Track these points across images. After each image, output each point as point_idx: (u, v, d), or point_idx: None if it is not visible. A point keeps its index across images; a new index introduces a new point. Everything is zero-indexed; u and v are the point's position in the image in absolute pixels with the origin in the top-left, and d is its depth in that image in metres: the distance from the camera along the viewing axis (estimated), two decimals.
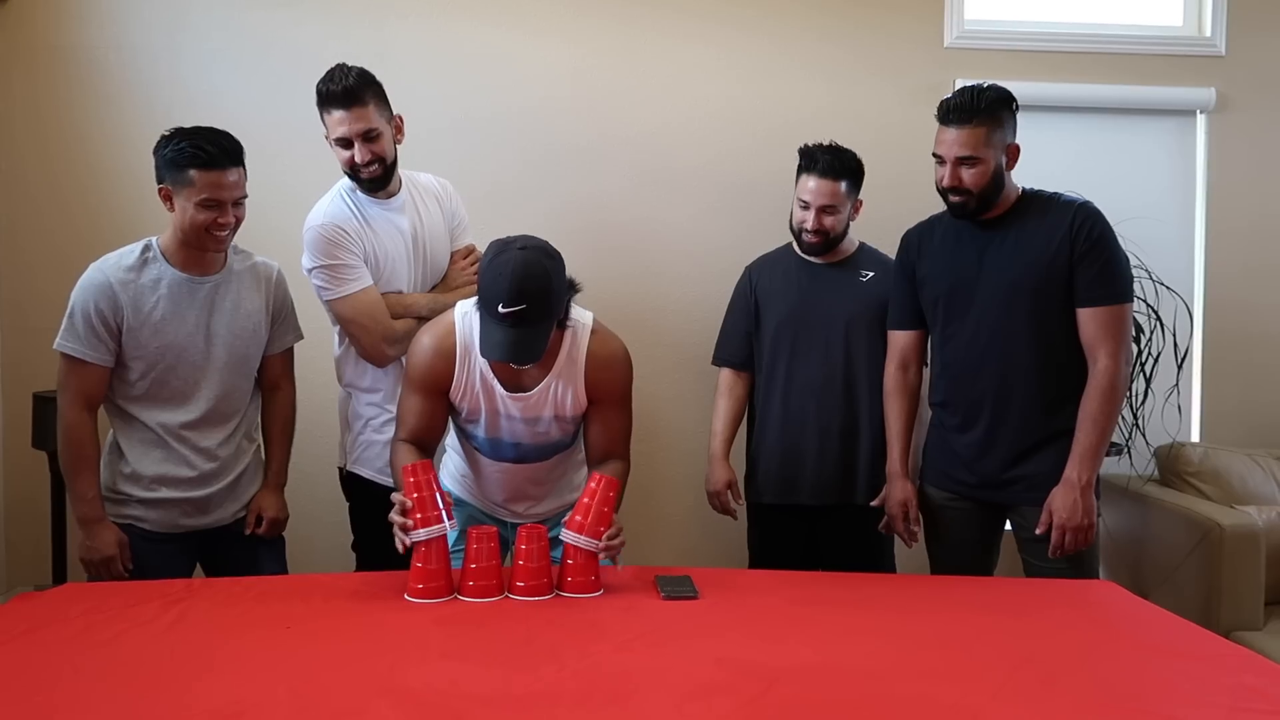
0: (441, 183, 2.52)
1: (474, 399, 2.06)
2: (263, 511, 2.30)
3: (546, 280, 1.87)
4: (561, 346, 2.03)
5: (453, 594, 1.88)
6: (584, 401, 2.08)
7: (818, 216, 2.49)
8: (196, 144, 2.06)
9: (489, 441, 2.13)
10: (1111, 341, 2.17)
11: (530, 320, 1.86)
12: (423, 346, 2.05)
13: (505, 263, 1.86)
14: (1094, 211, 2.21)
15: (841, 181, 2.48)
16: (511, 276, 1.84)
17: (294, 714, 1.37)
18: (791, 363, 2.55)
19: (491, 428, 2.10)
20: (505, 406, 2.05)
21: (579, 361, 2.04)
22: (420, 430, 2.07)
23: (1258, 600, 2.70)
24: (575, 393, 2.06)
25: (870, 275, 2.55)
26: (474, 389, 2.05)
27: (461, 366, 2.03)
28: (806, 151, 2.53)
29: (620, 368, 2.09)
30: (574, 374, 2.05)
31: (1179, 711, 1.41)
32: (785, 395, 2.55)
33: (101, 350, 2.11)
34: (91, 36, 3.10)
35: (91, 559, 2.13)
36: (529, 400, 2.05)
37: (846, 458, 2.53)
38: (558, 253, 1.94)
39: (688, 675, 1.50)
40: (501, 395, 2.05)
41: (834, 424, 2.53)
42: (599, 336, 2.07)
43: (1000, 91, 2.20)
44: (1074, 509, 2.14)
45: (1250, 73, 3.36)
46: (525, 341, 1.88)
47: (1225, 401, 3.38)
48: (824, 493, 2.54)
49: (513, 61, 3.19)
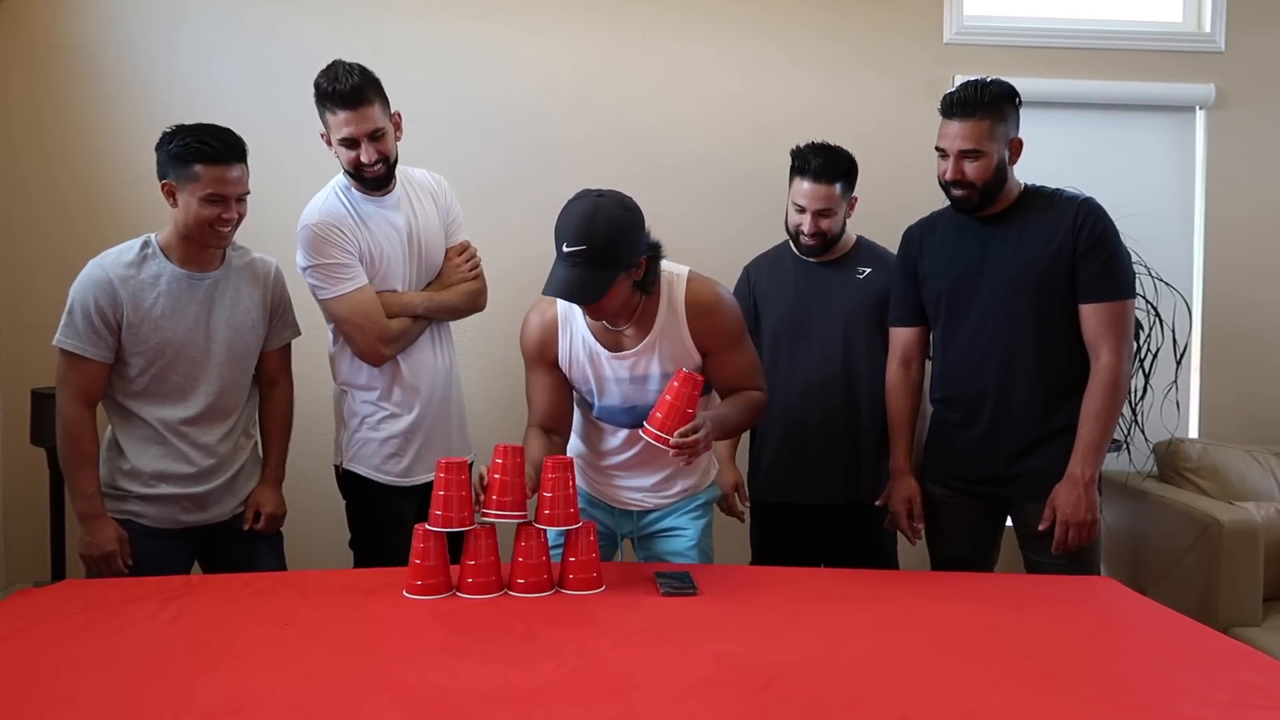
0: (436, 178, 2.51)
1: (579, 366, 2.09)
2: (261, 507, 2.30)
3: (613, 227, 1.89)
4: (659, 303, 2.05)
5: (451, 590, 1.88)
6: (695, 355, 2.08)
7: (814, 220, 2.46)
8: (202, 139, 2.07)
9: (604, 409, 2.14)
10: (1114, 337, 2.16)
11: (592, 263, 1.88)
12: (529, 322, 2.13)
13: (579, 205, 1.91)
14: (1096, 207, 2.21)
15: (836, 184, 2.45)
16: (580, 218, 1.88)
17: (293, 710, 1.37)
18: (791, 362, 2.54)
19: (601, 393, 2.11)
20: (611, 369, 2.08)
21: (679, 314, 2.05)
22: (546, 409, 2.12)
23: (1256, 596, 2.70)
24: (683, 346, 2.06)
25: (868, 272, 2.53)
26: (578, 355, 2.09)
27: (564, 333, 2.09)
28: (798, 154, 2.49)
29: (724, 309, 2.08)
30: (677, 328, 2.06)
31: (1177, 707, 1.41)
32: (786, 394, 2.53)
33: (101, 346, 2.11)
34: (90, 33, 3.09)
35: (91, 555, 2.13)
36: (632, 360, 2.07)
37: (849, 456, 2.52)
38: (637, 208, 1.95)
39: (687, 671, 1.50)
40: (605, 358, 2.07)
41: (836, 423, 2.51)
42: (695, 284, 2.07)
43: (1003, 86, 2.20)
44: (1077, 505, 2.14)
45: (1249, 69, 3.36)
46: (583, 283, 1.89)
47: (1224, 397, 3.39)
48: (828, 492, 2.52)
49: (510, 57, 3.19)
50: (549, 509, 1.91)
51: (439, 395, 2.42)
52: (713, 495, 2.32)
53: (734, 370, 2.12)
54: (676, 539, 2.22)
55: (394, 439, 2.37)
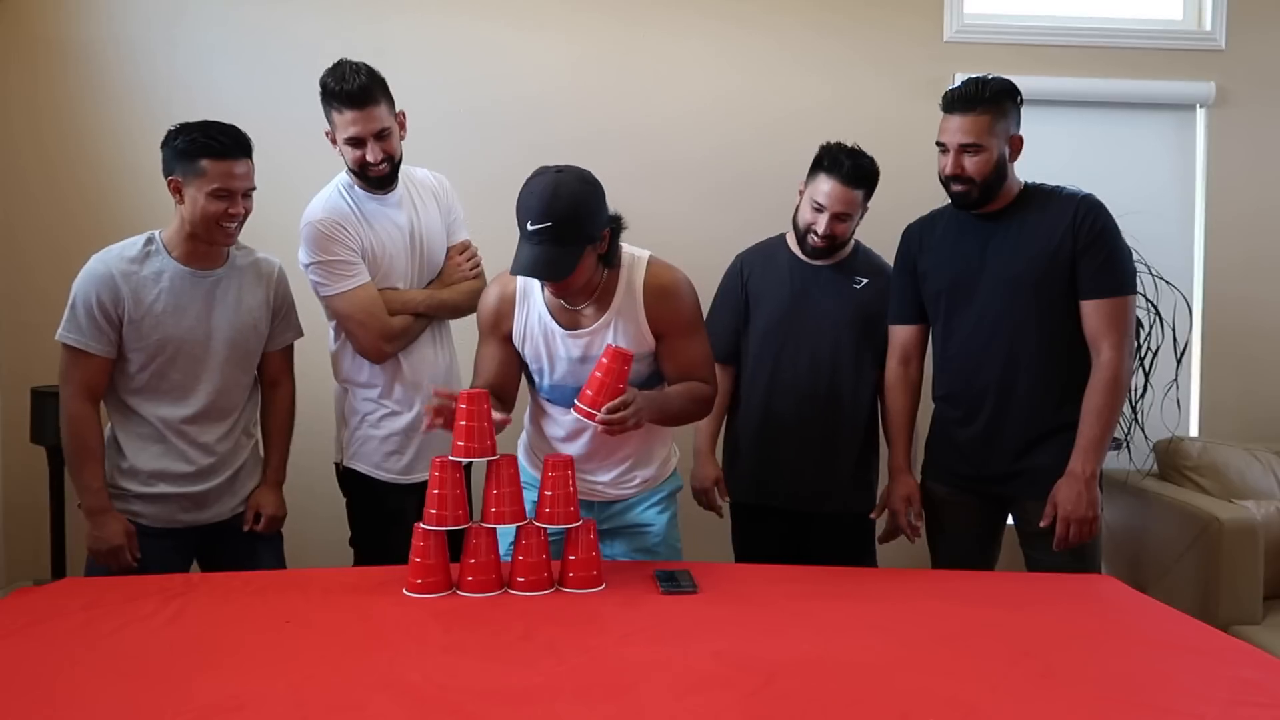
0: (438, 178, 2.51)
1: (533, 342, 2.09)
2: (261, 509, 2.29)
3: (577, 202, 1.90)
4: (618, 284, 2.06)
5: (451, 589, 1.88)
6: (649, 339, 2.08)
7: (831, 222, 2.38)
8: (209, 135, 2.08)
9: (554, 388, 2.13)
10: (1115, 334, 2.16)
11: (558, 239, 1.89)
12: (488, 293, 2.15)
13: (539, 182, 1.92)
14: (1097, 204, 2.21)
15: (860, 190, 2.39)
16: (542, 195, 1.89)
17: (293, 708, 1.37)
18: (777, 365, 2.49)
19: (554, 372, 2.11)
20: (565, 348, 2.07)
21: (637, 296, 2.06)
22: (492, 381, 2.12)
23: (1256, 594, 2.70)
24: (639, 329, 2.07)
25: (864, 282, 2.48)
26: (533, 331, 2.09)
27: (521, 308, 2.10)
28: (829, 152, 2.39)
29: (681, 295, 2.09)
30: (633, 310, 2.06)
31: (1177, 705, 1.41)
32: (768, 396, 2.49)
33: (103, 341, 2.11)
34: (89, 31, 3.09)
35: (99, 549, 2.13)
36: (587, 339, 2.06)
37: (823, 468, 2.48)
38: (597, 181, 1.97)
39: (687, 669, 1.51)
40: (560, 335, 2.07)
41: (814, 432, 2.47)
42: (654, 268, 2.09)
43: (1005, 82, 2.20)
44: (1079, 501, 2.14)
45: (1250, 67, 3.35)
46: (551, 259, 1.90)
47: (1224, 396, 3.39)
48: (799, 500, 2.49)
49: (510, 55, 3.19)
50: (549, 507, 1.91)
51: None
52: (675, 486, 2.29)
53: (686, 358, 2.11)
54: (643, 535, 2.21)
55: (395, 436, 2.37)
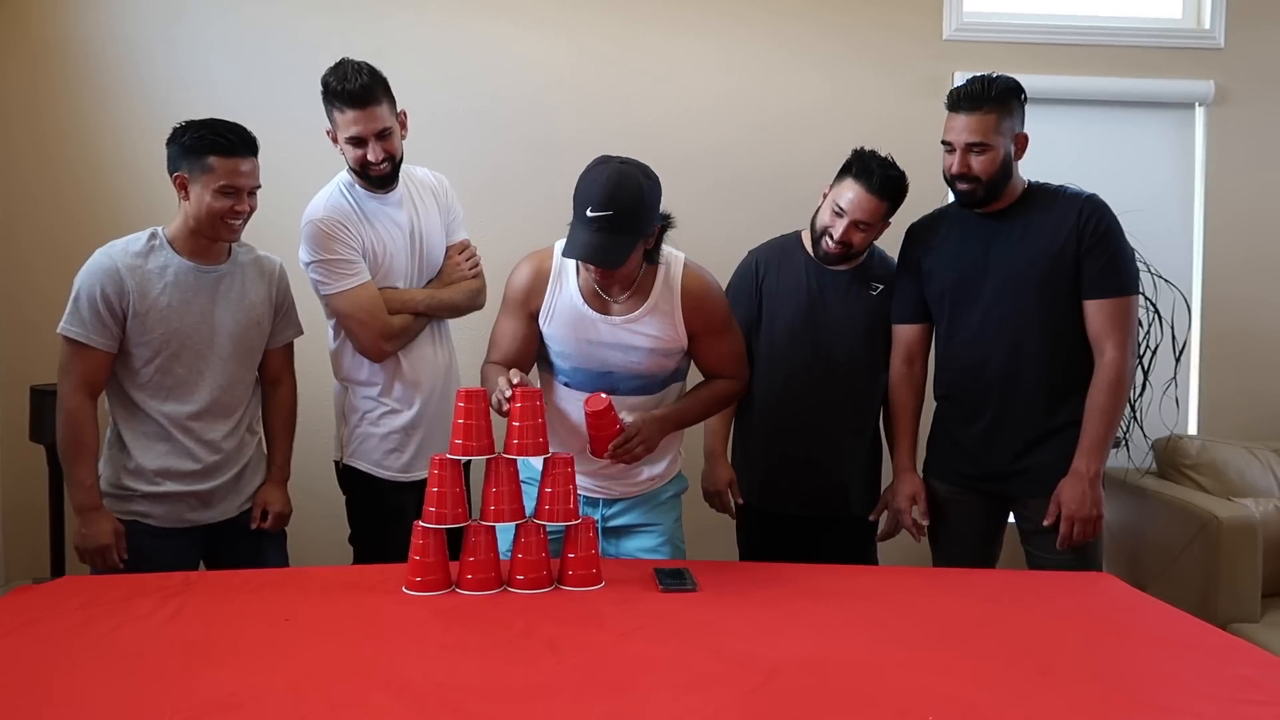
0: (438, 177, 2.51)
1: (561, 324, 2.11)
2: (268, 506, 2.30)
3: (638, 194, 1.93)
4: (655, 281, 2.09)
5: (451, 587, 1.88)
6: (682, 337, 2.12)
7: (849, 229, 2.31)
8: (216, 132, 2.09)
9: (576, 371, 2.14)
10: (1119, 333, 2.17)
11: (616, 228, 1.92)
12: (521, 268, 2.15)
13: (602, 171, 1.95)
14: (1101, 204, 2.21)
15: (886, 202, 2.31)
16: (605, 183, 1.92)
17: (292, 706, 1.37)
18: (790, 370, 2.45)
19: (579, 355, 2.12)
20: (596, 331, 2.09)
21: (674, 294, 2.10)
22: (509, 356, 2.13)
23: (1255, 592, 2.71)
24: (674, 326, 2.11)
25: (880, 289, 2.44)
26: (561, 313, 2.11)
27: (554, 287, 2.11)
28: (862, 158, 2.32)
29: (715, 298, 2.16)
30: (670, 307, 2.10)
31: (1176, 703, 1.41)
32: (781, 400, 2.46)
33: (106, 335, 2.11)
34: (88, 30, 3.09)
35: (86, 547, 2.12)
36: (619, 325, 2.09)
37: (836, 473, 2.46)
38: (656, 177, 2.00)
39: (687, 667, 1.51)
40: (592, 319, 2.09)
41: (826, 438, 2.45)
42: (691, 270, 2.13)
43: (1010, 81, 2.20)
44: (1083, 500, 2.14)
45: (1249, 65, 3.35)
46: (607, 247, 1.93)
47: (1223, 394, 3.39)
48: (812, 505, 2.47)
49: (510, 53, 3.18)
50: (549, 505, 1.92)
51: (439, 391, 2.42)
52: (680, 487, 2.30)
53: (718, 355, 2.19)
54: (648, 535, 2.22)
55: (394, 434, 2.37)
